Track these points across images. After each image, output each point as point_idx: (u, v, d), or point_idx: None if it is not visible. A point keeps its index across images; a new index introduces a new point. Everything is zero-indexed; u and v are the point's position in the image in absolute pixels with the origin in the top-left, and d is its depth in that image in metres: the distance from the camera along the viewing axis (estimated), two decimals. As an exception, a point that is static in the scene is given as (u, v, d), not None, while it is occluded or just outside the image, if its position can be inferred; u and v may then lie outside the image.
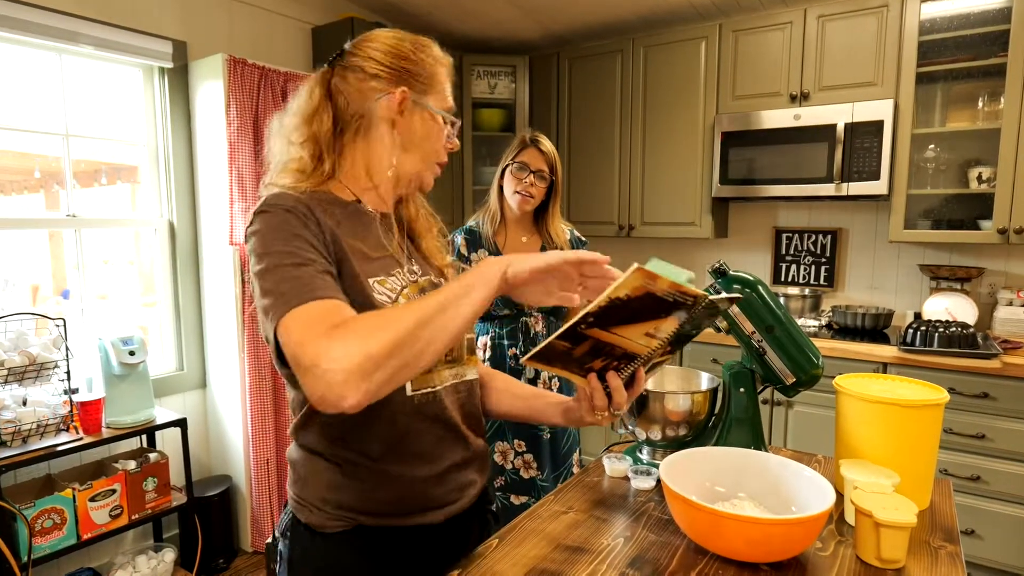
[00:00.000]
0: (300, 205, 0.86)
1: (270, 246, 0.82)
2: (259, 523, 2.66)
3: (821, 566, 0.90)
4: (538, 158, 1.93)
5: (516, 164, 1.93)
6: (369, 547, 0.91)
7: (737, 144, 2.95)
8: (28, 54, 2.26)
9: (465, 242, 1.97)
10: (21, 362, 1.98)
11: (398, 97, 0.95)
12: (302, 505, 0.93)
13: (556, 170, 1.97)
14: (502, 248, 1.98)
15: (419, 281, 0.98)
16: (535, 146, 1.93)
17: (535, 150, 1.93)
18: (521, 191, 1.92)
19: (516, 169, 1.93)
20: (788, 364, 1.19)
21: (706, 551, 0.94)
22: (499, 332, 1.96)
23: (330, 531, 0.91)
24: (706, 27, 3.05)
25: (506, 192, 1.96)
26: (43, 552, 1.95)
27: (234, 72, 2.46)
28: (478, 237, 1.98)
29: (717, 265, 1.24)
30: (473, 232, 1.99)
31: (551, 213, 2.01)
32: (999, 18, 2.45)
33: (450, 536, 0.97)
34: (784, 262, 3.25)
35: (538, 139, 1.95)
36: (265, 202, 0.88)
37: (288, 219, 0.84)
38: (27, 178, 2.38)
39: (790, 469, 1.02)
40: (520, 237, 2.01)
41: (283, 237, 0.82)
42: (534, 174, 1.92)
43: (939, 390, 1.12)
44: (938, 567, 0.90)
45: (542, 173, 1.93)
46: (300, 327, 0.72)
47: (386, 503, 0.91)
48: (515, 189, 1.93)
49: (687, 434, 1.26)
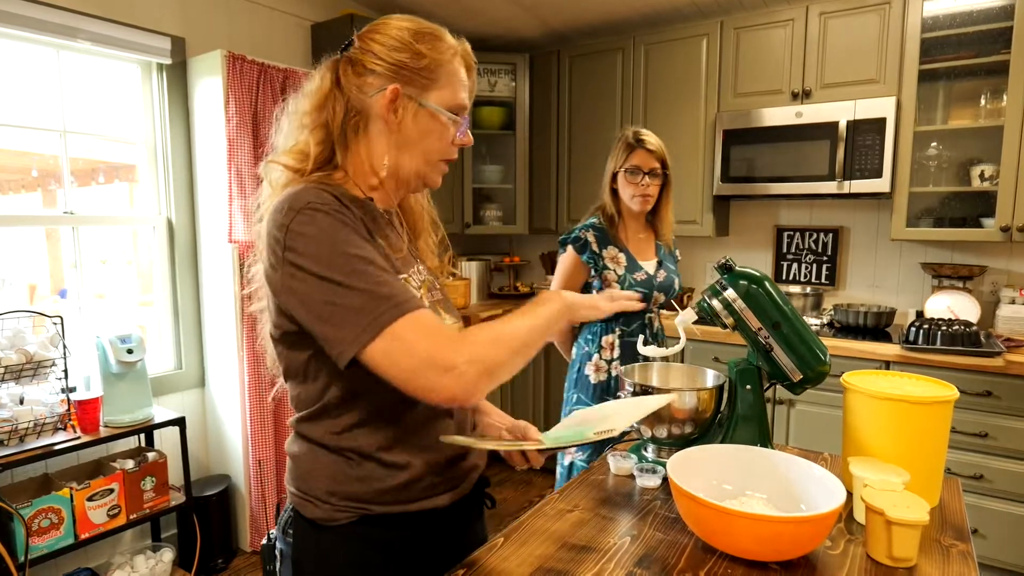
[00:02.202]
0: (336, 202, 0.84)
1: (341, 248, 0.80)
2: (258, 523, 2.64)
3: (832, 565, 0.89)
4: (648, 158, 1.94)
5: (628, 170, 1.95)
6: (376, 535, 0.91)
7: (738, 142, 2.94)
8: (25, 50, 2.24)
9: (595, 239, 1.97)
10: (18, 360, 1.96)
11: (388, 95, 0.91)
12: (306, 500, 0.91)
13: (667, 164, 1.98)
14: (626, 243, 2.01)
15: (427, 281, 0.99)
16: (642, 147, 1.93)
17: (643, 151, 1.93)
18: (640, 194, 1.96)
19: (629, 175, 1.95)
20: (795, 361, 1.18)
21: (715, 550, 0.92)
22: (626, 329, 1.99)
23: (337, 523, 0.90)
24: (707, 24, 3.04)
25: (623, 196, 1.99)
26: (40, 552, 1.93)
27: (233, 69, 2.44)
28: (606, 234, 1.98)
29: (723, 261, 1.23)
30: (600, 229, 1.99)
31: (664, 209, 2.05)
32: (1001, 15, 2.44)
33: (454, 518, 0.98)
34: (785, 260, 3.24)
35: (642, 138, 1.94)
36: (309, 203, 0.82)
37: (344, 223, 0.82)
38: (24, 176, 2.36)
39: (798, 467, 1.01)
40: (638, 234, 2.06)
41: (354, 242, 0.81)
42: (648, 175, 1.94)
43: (948, 387, 1.11)
44: (950, 566, 0.89)
45: (655, 171, 1.95)
46: (427, 333, 0.78)
47: (393, 490, 0.90)
48: (633, 194, 1.96)
49: (693, 432, 1.25)
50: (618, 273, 1.97)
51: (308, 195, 0.83)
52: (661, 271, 2.04)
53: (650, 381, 1.41)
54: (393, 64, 0.91)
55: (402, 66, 0.91)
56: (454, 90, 0.95)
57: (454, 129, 0.96)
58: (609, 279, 1.98)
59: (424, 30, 0.94)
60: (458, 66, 0.96)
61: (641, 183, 1.94)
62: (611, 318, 1.97)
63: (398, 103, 0.92)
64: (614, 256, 1.98)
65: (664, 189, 2.02)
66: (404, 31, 0.93)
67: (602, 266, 1.97)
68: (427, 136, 0.94)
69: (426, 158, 0.96)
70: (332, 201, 0.83)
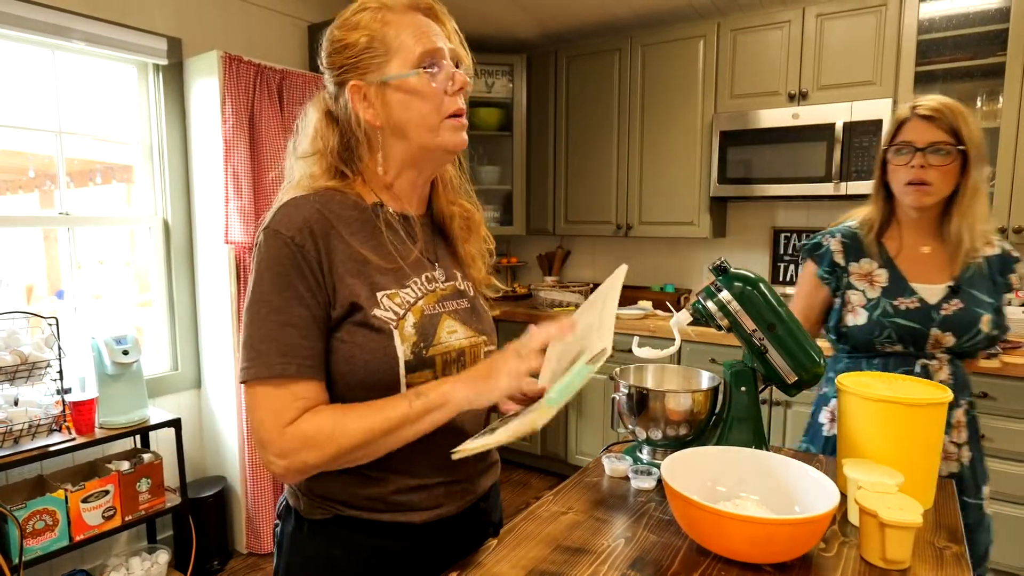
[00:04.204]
0: (304, 231, 0.83)
1: (262, 289, 0.83)
2: (254, 524, 2.64)
3: (825, 567, 0.89)
4: (926, 129, 1.37)
5: (895, 148, 1.42)
6: (350, 537, 0.91)
7: (735, 143, 2.94)
8: (21, 50, 2.23)
9: (842, 248, 1.51)
10: (13, 361, 1.95)
11: (351, 97, 0.88)
12: (292, 490, 0.95)
13: (963, 136, 1.36)
14: (894, 256, 1.46)
15: (438, 290, 0.94)
16: (917, 116, 1.39)
17: (918, 121, 1.38)
18: (912, 179, 1.38)
19: (896, 154, 1.42)
20: (790, 362, 1.18)
21: (708, 552, 0.92)
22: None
23: (313, 518, 0.92)
24: (704, 26, 3.04)
25: (894, 188, 1.45)
26: (35, 554, 1.93)
27: (229, 69, 2.44)
28: (859, 243, 1.50)
29: (719, 263, 1.22)
30: (854, 236, 1.51)
31: (962, 206, 1.41)
32: (998, 17, 2.44)
33: (436, 535, 0.95)
34: (783, 262, 3.25)
35: (918, 105, 1.39)
36: (273, 220, 0.85)
37: (283, 258, 0.83)
38: (21, 177, 2.36)
39: (793, 469, 1.01)
40: (921, 244, 1.46)
41: (275, 286, 0.83)
42: (926, 152, 1.37)
43: (942, 389, 1.11)
44: (944, 568, 0.89)
45: (938, 146, 1.36)
46: (261, 408, 0.82)
47: (367, 499, 0.90)
48: (904, 181, 1.40)
49: (688, 433, 1.25)
50: (868, 296, 1.45)
51: (278, 215, 0.85)
52: (955, 301, 1.40)
53: (645, 383, 1.41)
54: (339, 68, 0.90)
55: (345, 66, 0.89)
56: (409, 45, 0.87)
57: (435, 81, 0.88)
58: (852, 303, 1.46)
59: (348, 15, 0.91)
60: (401, 19, 0.89)
61: (912, 162, 1.38)
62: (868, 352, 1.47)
63: (366, 96, 0.89)
64: (868, 272, 1.47)
65: (963, 180, 1.39)
66: (332, 31, 0.91)
67: (845, 284, 1.49)
68: (409, 107, 0.88)
69: (425, 126, 0.89)
70: (294, 222, 0.83)
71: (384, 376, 0.86)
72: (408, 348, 0.87)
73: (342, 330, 0.85)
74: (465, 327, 0.96)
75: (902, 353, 1.43)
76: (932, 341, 1.40)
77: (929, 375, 1.41)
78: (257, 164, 2.55)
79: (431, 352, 0.90)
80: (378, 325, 0.85)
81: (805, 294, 1.57)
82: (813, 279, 1.55)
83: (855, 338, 1.47)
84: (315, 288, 0.84)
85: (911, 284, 1.43)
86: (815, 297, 1.55)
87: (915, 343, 1.41)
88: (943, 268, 1.44)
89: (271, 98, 2.58)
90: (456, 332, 0.94)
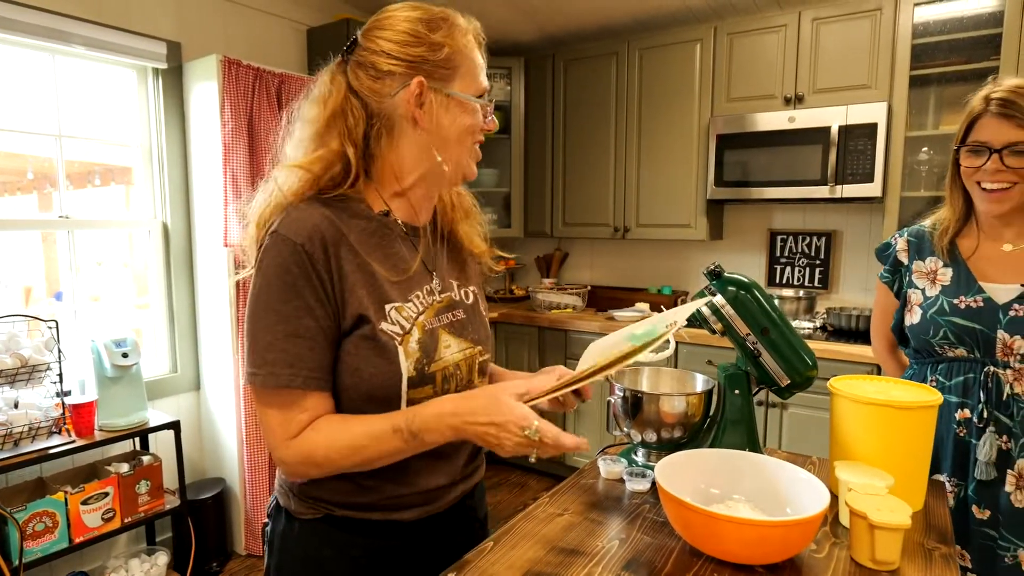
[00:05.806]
0: (315, 238, 0.83)
1: (270, 296, 0.83)
2: (253, 526, 2.65)
3: (816, 568, 0.90)
4: (1004, 128, 1.24)
5: (969, 148, 1.30)
6: (340, 536, 0.92)
7: (732, 146, 2.95)
8: (20, 54, 2.24)
9: (907, 246, 1.45)
10: (12, 364, 1.96)
11: (414, 89, 0.86)
12: (283, 489, 0.96)
13: None
14: (967, 256, 1.36)
15: (435, 303, 0.94)
16: (993, 111, 1.26)
17: (995, 119, 1.25)
18: (989, 186, 1.28)
19: (969, 154, 1.30)
20: (782, 366, 1.19)
21: (701, 553, 0.94)
22: (942, 383, 1.36)
23: (304, 518, 0.93)
24: (701, 29, 3.06)
25: (969, 190, 1.35)
26: (34, 556, 1.94)
27: (228, 73, 2.45)
28: (927, 242, 1.42)
29: (712, 267, 1.24)
30: (921, 235, 1.44)
31: None
32: (991, 22, 2.46)
33: (425, 532, 0.97)
34: (779, 264, 3.26)
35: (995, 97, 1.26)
36: (281, 225, 0.83)
37: (292, 265, 0.82)
38: (20, 179, 2.37)
39: (785, 471, 1.02)
40: (999, 244, 1.34)
41: (284, 294, 0.82)
42: (1003, 153, 1.25)
43: (933, 392, 1.13)
44: (932, 569, 0.90)
45: (1016, 147, 1.24)
46: (268, 415, 0.85)
47: (355, 499, 0.92)
48: (979, 184, 1.30)
49: (682, 436, 1.26)
50: (927, 295, 1.36)
51: (295, 220, 0.84)
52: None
53: (640, 386, 1.42)
54: (412, 60, 0.86)
55: (422, 60, 0.86)
56: (475, 75, 0.91)
57: (483, 114, 0.92)
58: (911, 303, 1.39)
59: (436, 17, 0.88)
60: (473, 48, 0.91)
61: (986, 166, 1.26)
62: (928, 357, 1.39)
63: (424, 97, 0.87)
64: (932, 271, 1.38)
65: None
66: (415, 22, 0.87)
67: (907, 283, 1.42)
68: (461, 126, 0.90)
69: (464, 148, 0.92)
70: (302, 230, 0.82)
71: (387, 391, 0.87)
72: (412, 364, 0.88)
73: (349, 342, 0.86)
74: (459, 340, 0.97)
75: (966, 359, 1.33)
76: (1001, 346, 1.27)
77: (1000, 386, 1.28)
78: (256, 167, 2.56)
79: (432, 369, 0.91)
80: (384, 340, 0.86)
81: (879, 300, 1.53)
82: (879, 281, 1.51)
83: (914, 339, 1.42)
84: (323, 298, 0.84)
85: (980, 283, 1.32)
86: (887, 301, 1.50)
87: (980, 347, 1.30)
88: (1019, 268, 1.31)
89: (270, 102, 2.59)
90: (451, 347, 0.95)
